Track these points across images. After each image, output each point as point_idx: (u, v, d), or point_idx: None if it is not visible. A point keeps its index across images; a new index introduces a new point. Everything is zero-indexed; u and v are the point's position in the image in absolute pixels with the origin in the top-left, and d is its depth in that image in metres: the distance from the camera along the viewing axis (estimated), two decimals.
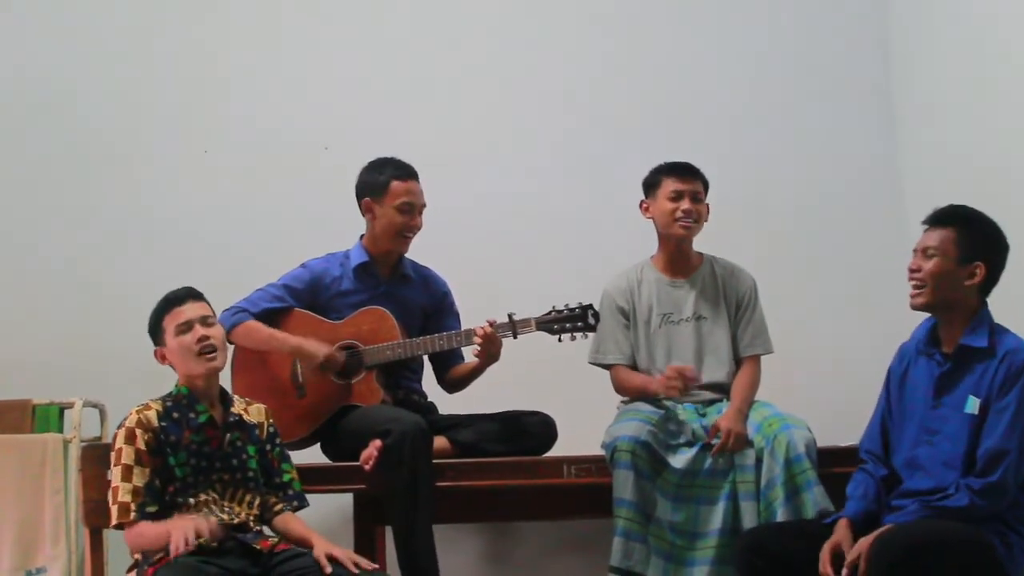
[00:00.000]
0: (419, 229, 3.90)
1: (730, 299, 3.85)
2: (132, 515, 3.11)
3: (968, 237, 3.13)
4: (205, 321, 3.29)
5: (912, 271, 3.18)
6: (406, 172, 3.88)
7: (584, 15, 4.93)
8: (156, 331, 3.32)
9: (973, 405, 3.06)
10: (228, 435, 3.29)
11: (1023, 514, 3.04)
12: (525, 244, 4.70)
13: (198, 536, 2.99)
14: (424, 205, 3.90)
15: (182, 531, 2.97)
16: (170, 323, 3.28)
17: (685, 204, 3.78)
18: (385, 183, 3.86)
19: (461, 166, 4.67)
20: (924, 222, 3.22)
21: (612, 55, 4.88)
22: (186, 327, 3.26)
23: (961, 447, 3.06)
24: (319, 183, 4.60)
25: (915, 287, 3.18)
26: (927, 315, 3.26)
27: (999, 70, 4.09)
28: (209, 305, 3.37)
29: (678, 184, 3.80)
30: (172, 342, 3.27)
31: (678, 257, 3.87)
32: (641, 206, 3.88)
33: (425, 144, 4.45)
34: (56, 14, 4.80)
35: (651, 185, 3.86)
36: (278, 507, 3.33)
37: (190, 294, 3.34)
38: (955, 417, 3.09)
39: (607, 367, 3.86)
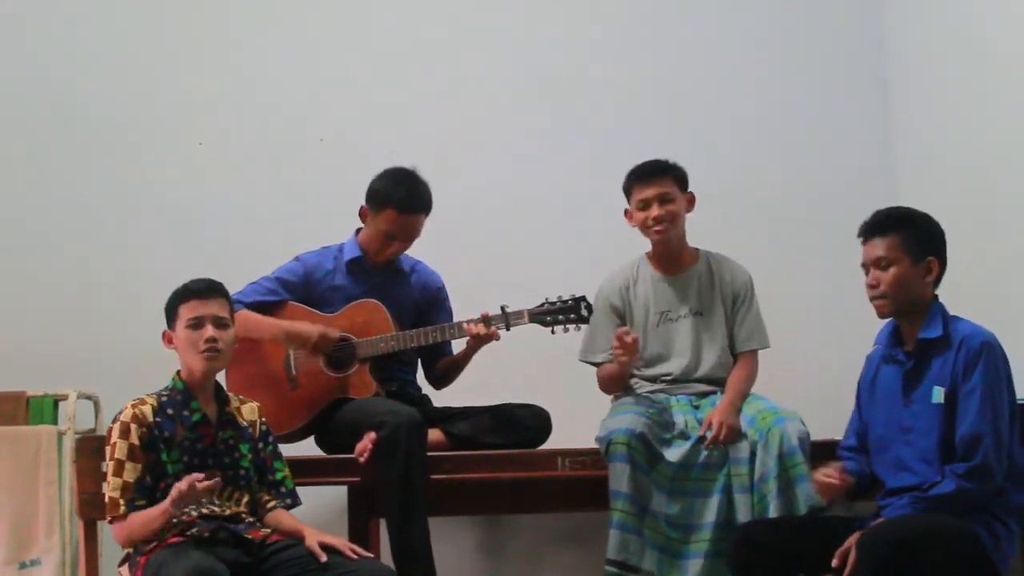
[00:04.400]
0: (398, 255, 3.89)
1: (726, 294, 3.82)
2: (121, 510, 3.12)
3: (915, 237, 3.16)
4: (218, 321, 3.27)
5: (871, 286, 3.20)
6: (408, 205, 3.81)
7: (581, 8, 4.92)
8: (170, 314, 3.31)
9: (939, 395, 3.10)
10: (221, 433, 3.29)
11: (1008, 503, 3.07)
12: (519, 236, 4.69)
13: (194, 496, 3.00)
14: (416, 236, 3.86)
15: (180, 483, 2.99)
16: (185, 313, 3.27)
17: (654, 211, 3.72)
18: (384, 203, 3.82)
19: (455, 157, 4.66)
20: (861, 234, 3.24)
21: (607, 47, 4.87)
22: (198, 323, 3.25)
23: (934, 438, 3.09)
24: (314, 175, 4.60)
25: (878, 299, 3.20)
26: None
27: (995, 69, 4.08)
28: (230, 303, 3.35)
29: (643, 191, 3.74)
30: (181, 332, 3.27)
31: (670, 255, 3.84)
32: (625, 215, 3.84)
33: (418, 135, 4.46)
34: (55, 7, 4.78)
35: (626, 192, 3.82)
36: (271, 504, 3.33)
37: (214, 289, 3.31)
38: (925, 411, 3.13)
39: (595, 365, 3.85)
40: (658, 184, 3.74)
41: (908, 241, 3.15)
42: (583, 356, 3.85)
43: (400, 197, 3.81)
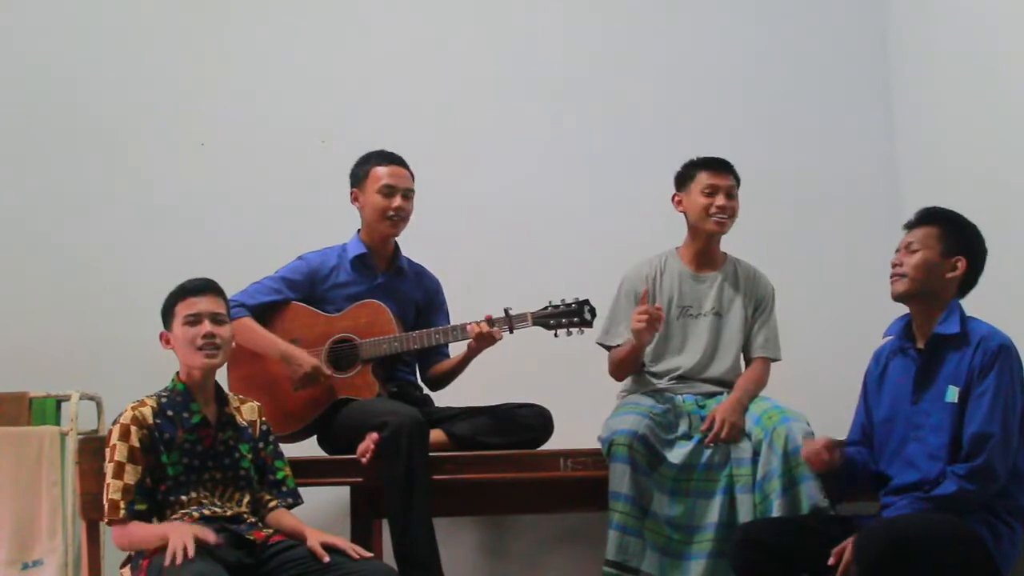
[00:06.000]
0: (406, 212, 3.90)
1: (749, 300, 3.85)
2: (121, 513, 3.12)
3: (951, 233, 3.20)
4: (215, 318, 3.27)
5: (894, 265, 3.24)
6: (387, 158, 3.91)
7: (583, 9, 4.92)
8: (167, 315, 3.31)
9: (953, 394, 3.11)
10: (220, 434, 3.28)
11: (1011, 503, 3.07)
12: (522, 239, 4.70)
13: (200, 543, 2.96)
14: (410, 189, 3.90)
15: (181, 539, 2.93)
16: (181, 311, 3.27)
17: (720, 200, 3.77)
18: (367, 170, 3.89)
19: (457, 160, 4.67)
20: (906, 225, 3.29)
21: (610, 50, 4.88)
22: (195, 320, 3.25)
23: (945, 437, 3.10)
24: (316, 176, 4.60)
25: (895, 276, 3.23)
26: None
27: (998, 69, 4.08)
28: (226, 301, 3.35)
29: (713, 179, 3.78)
30: (178, 330, 3.26)
31: (706, 252, 3.87)
32: (673, 199, 3.86)
33: (421, 138, 4.45)
34: (56, 6, 4.79)
35: (684, 178, 3.84)
36: (272, 504, 3.33)
37: (209, 287, 3.31)
38: (937, 409, 3.13)
39: (609, 349, 3.85)
40: (729, 177, 3.81)
41: (943, 235, 3.20)
42: (602, 339, 3.85)
43: (378, 156, 3.91)
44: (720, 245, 3.89)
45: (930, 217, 3.25)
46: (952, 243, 3.19)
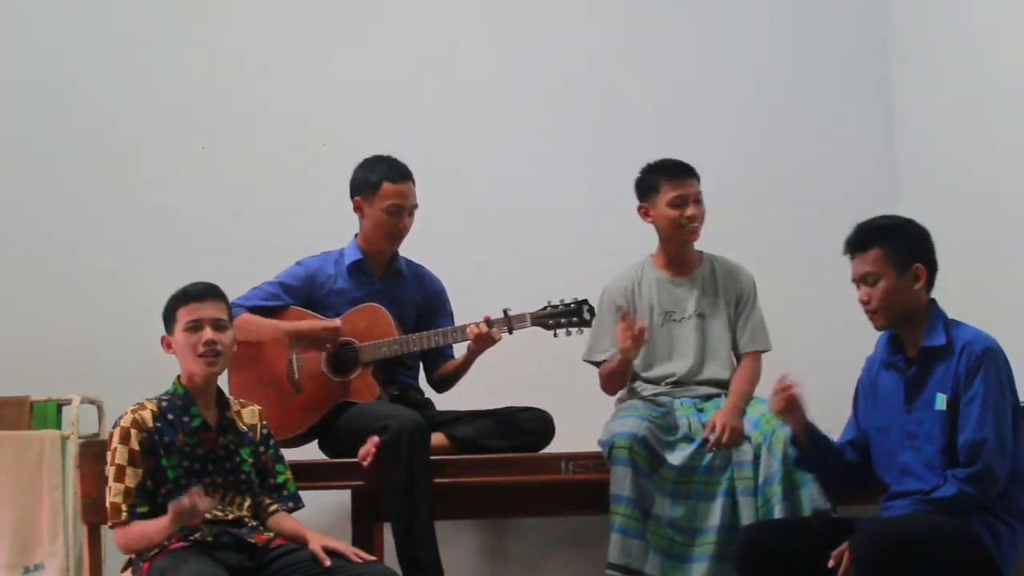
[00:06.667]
0: (407, 230, 3.90)
1: (730, 296, 3.82)
2: (123, 515, 3.12)
3: (895, 247, 3.17)
4: (217, 324, 3.26)
5: (863, 302, 3.21)
6: (398, 173, 3.87)
7: (583, 8, 4.91)
8: (168, 319, 3.30)
9: (942, 402, 3.11)
10: (221, 438, 3.28)
11: (1011, 505, 3.07)
12: (521, 239, 4.69)
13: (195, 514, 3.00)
14: (415, 206, 3.89)
15: (177, 503, 2.99)
16: (183, 316, 3.25)
17: (690, 210, 3.72)
18: (376, 183, 3.85)
19: (457, 161, 4.66)
20: (846, 251, 3.25)
21: (610, 50, 4.86)
22: (196, 326, 3.24)
23: (938, 444, 3.10)
24: (317, 179, 4.59)
25: (871, 314, 3.21)
26: None
27: (997, 70, 4.07)
28: (228, 306, 3.35)
29: (679, 189, 3.73)
30: (179, 336, 3.26)
31: (680, 256, 3.84)
32: (640, 211, 3.81)
33: (421, 140, 4.45)
34: (56, 9, 4.78)
35: (648, 189, 3.79)
36: (273, 507, 3.33)
37: (211, 292, 3.30)
38: (929, 418, 3.13)
39: (597, 365, 3.84)
40: (694, 183, 3.76)
41: (890, 252, 3.16)
42: (587, 356, 3.84)
43: (388, 168, 3.86)
44: (694, 246, 3.86)
45: (868, 239, 3.20)
46: (902, 256, 3.16)
